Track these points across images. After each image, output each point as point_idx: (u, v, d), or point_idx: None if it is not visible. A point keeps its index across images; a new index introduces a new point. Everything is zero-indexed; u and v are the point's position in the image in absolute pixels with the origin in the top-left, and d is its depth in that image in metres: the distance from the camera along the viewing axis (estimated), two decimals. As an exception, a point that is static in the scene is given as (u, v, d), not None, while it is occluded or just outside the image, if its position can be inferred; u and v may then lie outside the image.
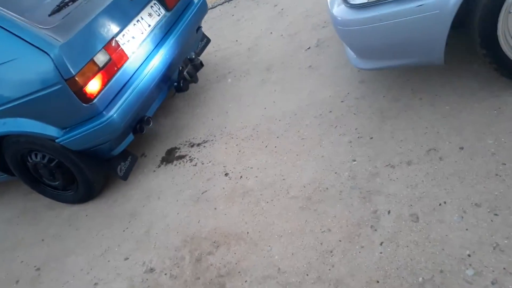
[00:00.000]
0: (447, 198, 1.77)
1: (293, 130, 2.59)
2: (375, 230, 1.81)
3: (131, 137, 2.83)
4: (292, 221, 2.04)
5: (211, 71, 3.83)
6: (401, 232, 1.75)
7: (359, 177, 2.06)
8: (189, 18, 3.35)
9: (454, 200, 1.75)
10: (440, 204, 1.76)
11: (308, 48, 3.35)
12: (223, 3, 5.40)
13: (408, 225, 1.76)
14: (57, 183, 2.96)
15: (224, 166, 2.64)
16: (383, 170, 2.04)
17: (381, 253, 1.72)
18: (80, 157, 2.72)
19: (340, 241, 1.84)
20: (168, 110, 3.50)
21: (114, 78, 2.60)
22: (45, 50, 2.30)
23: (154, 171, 2.96)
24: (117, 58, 2.65)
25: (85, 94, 2.42)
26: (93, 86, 2.46)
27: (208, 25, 4.81)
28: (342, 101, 2.60)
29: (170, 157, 3.00)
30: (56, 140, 2.58)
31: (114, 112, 2.51)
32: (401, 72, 2.38)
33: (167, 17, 3.18)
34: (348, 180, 2.08)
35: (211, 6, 5.49)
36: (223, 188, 2.48)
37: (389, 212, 1.84)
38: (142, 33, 2.95)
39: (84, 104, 2.44)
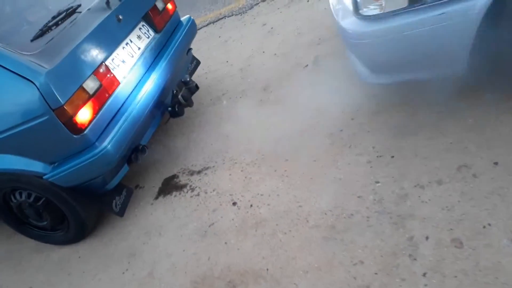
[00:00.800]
0: (491, 219, 1.62)
1: (303, 152, 2.42)
2: (415, 259, 1.63)
3: (126, 168, 2.60)
4: (316, 253, 1.85)
5: (204, 94, 3.66)
6: (445, 260, 1.58)
7: (386, 201, 1.89)
8: (179, 39, 3.19)
9: (498, 221, 1.60)
10: (484, 227, 1.61)
11: (306, 66, 3.23)
12: (207, 24, 5.29)
13: (452, 251, 1.59)
14: (44, 223, 2.68)
15: (230, 195, 2.44)
16: (412, 191, 1.88)
17: (426, 285, 1.54)
18: (71, 193, 2.47)
19: (376, 274, 1.65)
20: (162, 136, 3.28)
21: (105, 106, 2.39)
22: (29, 78, 2.08)
23: (152, 204, 2.73)
24: (108, 84, 2.45)
25: (75, 124, 2.20)
26: (84, 115, 2.25)
27: (195, 47, 4.61)
28: (352, 119, 2.45)
29: (168, 187, 2.78)
30: (44, 177, 2.33)
31: (108, 143, 2.29)
32: (414, 84, 2.26)
33: (157, 39, 3.01)
34: (374, 204, 1.91)
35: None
36: (232, 219, 2.27)
37: (427, 238, 1.67)
38: (132, 57, 2.76)
39: (74, 136, 2.21)
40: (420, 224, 1.73)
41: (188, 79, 2.94)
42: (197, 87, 3.03)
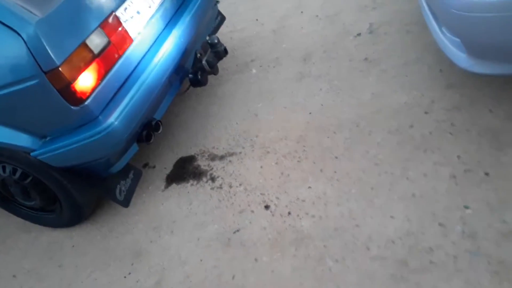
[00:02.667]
0: None
1: (359, 149, 1.92)
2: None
3: (135, 148, 2.11)
4: (382, 297, 1.40)
5: (228, 57, 3.08)
6: None
7: (481, 237, 1.42)
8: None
9: None
10: None
11: (358, 35, 2.65)
12: (233, -27, 4.59)
13: None
14: (32, 203, 2.23)
15: (262, 194, 1.97)
16: (519, 228, 1.40)
17: None
18: (65, 175, 2.00)
19: None
20: (178, 107, 2.77)
21: (114, 69, 1.87)
22: (15, 28, 1.56)
23: (163, 190, 2.26)
24: (118, 41, 1.92)
25: (74, 92, 1.70)
26: (86, 81, 1.74)
27: None
28: (426, 112, 1.93)
29: (183, 172, 2.30)
30: (32, 154, 1.85)
31: (115, 118, 1.79)
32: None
33: (180, -13, 2.42)
34: (463, 239, 1.44)
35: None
36: (264, 228, 1.82)
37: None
38: (150, 7, 2.20)
39: (72, 107, 1.71)
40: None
41: (216, 41, 2.38)
42: (225, 52, 2.47)
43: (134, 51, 2.00)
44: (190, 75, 2.43)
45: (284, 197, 1.90)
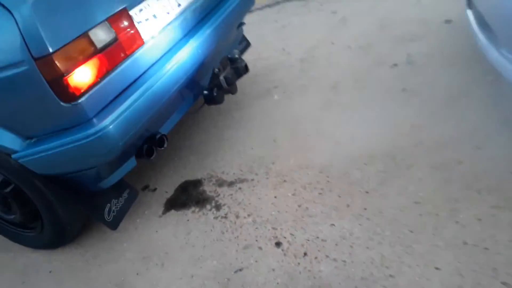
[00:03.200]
0: None
1: (396, 185, 1.60)
2: None
3: (132, 163, 1.84)
4: None
5: (249, 83, 2.88)
6: None
7: None
8: (232, 6, 2.41)
9: None
10: None
11: (395, 65, 2.40)
12: (263, 7, 4.52)
13: None
14: (12, 217, 1.95)
15: (273, 228, 1.64)
16: None
17: None
18: (48, 185, 1.73)
19: None
20: (189, 129, 2.52)
21: (118, 70, 1.64)
22: (7, 6, 1.37)
23: (160, 216, 1.96)
24: (126, 40, 1.71)
25: (66, 86, 1.46)
26: (82, 76, 1.51)
27: (245, 30, 3.89)
28: (479, 148, 1.61)
29: (186, 196, 2.01)
30: (13, 156, 1.61)
31: (110, 122, 1.53)
32: None
33: (205, 0, 2.24)
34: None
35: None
36: (273, 269, 1.47)
37: None
38: (168, 13, 2.01)
39: (62, 103, 1.47)
40: None
41: (236, 56, 2.16)
42: (246, 69, 2.24)
43: (144, 54, 1.79)
44: (205, 92, 2.20)
45: (300, 234, 1.56)
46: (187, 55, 1.96)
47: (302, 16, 3.79)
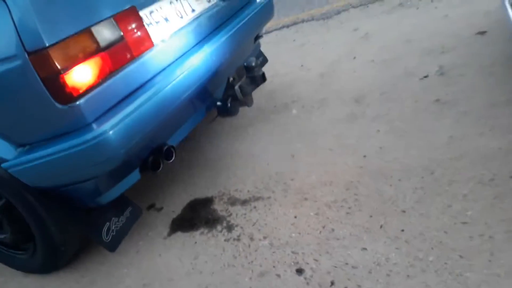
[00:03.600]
0: None
1: (437, 203, 1.37)
2: None
3: (135, 176, 1.66)
4: None
5: (265, 99, 2.71)
6: None
7: None
8: (249, 16, 2.28)
9: None
10: None
11: (425, 77, 2.20)
12: (280, 28, 4.42)
13: None
14: (3, 236, 1.77)
15: (293, 253, 1.40)
16: None
17: None
18: (42, 200, 1.55)
19: None
20: (200, 142, 2.34)
21: (124, 72, 1.49)
22: (2, -5, 1.24)
23: (165, 238, 1.75)
24: (134, 41, 1.56)
25: (62, 85, 1.31)
26: (82, 75, 1.36)
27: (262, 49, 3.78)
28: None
29: (195, 216, 1.80)
30: (3, 165, 1.44)
31: (110, 127, 1.36)
32: None
33: (220, 8, 2.13)
34: None
35: (265, 31, 4.51)
36: (294, 300, 1.23)
37: None
38: (182, 18, 1.88)
39: (58, 104, 1.31)
40: None
41: (253, 64, 2.00)
42: (264, 78, 2.08)
43: (153, 58, 1.64)
44: (219, 103, 2.03)
45: (325, 260, 1.33)
46: (200, 60, 1.81)
47: (322, 34, 3.66)
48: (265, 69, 2.95)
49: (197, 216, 1.80)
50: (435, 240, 1.25)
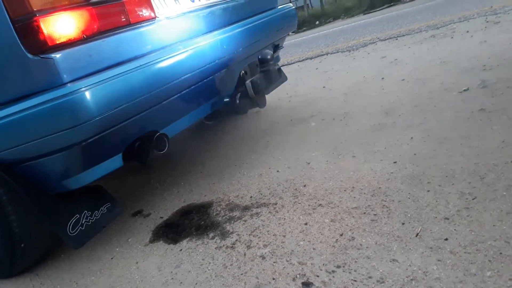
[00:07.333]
0: None
1: (490, 210, 1.04)
2: None
3: (116, 162, 1.38)
4: None
5: (281, 114, 2.46)
6: None
7: None
8: (269, 17, 2.11)
9: None
10: None
11: (465, 90, 1.92)
12: (303, 59, 4.27)
13: None
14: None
15: (300, 263, 1.07)
16: None
17: None
18: (3, 178, 1.29)
19: None
20: (200, 139, 2.07)
21: (116, 36, 1.29)
22: None
23: (146, 244, 1.44)
24: (133, 5, 1.37)
25: (36, 30, 1.11)
26: (62, 24, 1.16)
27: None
28: None
29: (184, 221, 1.49)
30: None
31: (87, 85, 1.12)
32: None
33: (239, 4, 1.96)
34: None
35: (286, 63, 4.38)
36: (297, 322, 0.88)
37: None
38: (193, 1, 1.70)
39: (28, 54, 1.09)
40: None
41: (268, 57, 1.76)
42: (279, 74, 1.83)
43: (153, 31, 1.45)
44: (227, 99, 1.79)
45: (341, 272, 0.99)
46: (207, 44, 1.60)
47: (347, 62, 3.47)
48: (284, 90, 2.76)
49: (188, 222, 1.49)
50: (493, 251, 0.90)
